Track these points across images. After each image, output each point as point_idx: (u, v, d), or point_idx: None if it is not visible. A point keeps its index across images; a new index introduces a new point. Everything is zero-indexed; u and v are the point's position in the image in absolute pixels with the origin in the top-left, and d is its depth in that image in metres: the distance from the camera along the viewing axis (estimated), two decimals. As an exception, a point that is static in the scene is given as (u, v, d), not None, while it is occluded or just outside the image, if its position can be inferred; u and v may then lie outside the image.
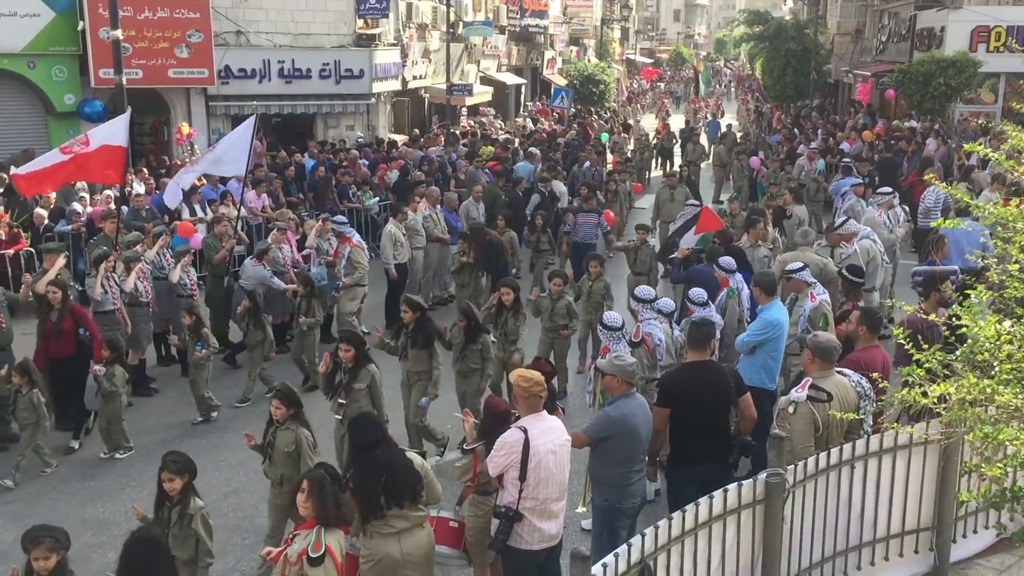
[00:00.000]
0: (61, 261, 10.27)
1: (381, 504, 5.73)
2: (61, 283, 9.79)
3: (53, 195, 15.22)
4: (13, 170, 13.52)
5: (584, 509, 7.65)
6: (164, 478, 5.94)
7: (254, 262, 11.89)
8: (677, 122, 36.55)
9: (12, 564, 5.42)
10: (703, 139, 31.24)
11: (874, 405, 6.51)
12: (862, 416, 6.35)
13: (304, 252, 13.24)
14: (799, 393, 6.30)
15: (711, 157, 26.52)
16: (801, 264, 9.26)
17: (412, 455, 6.13)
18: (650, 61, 76.87)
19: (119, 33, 14.93)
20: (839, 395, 6.32)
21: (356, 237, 12.83)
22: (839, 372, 6.59)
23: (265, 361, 11.07)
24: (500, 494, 6.00)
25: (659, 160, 30.11)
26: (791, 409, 6.28)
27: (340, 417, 8.11)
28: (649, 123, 37.70)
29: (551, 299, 10.70)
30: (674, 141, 30.09)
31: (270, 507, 7.32)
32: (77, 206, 15.11)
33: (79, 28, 19.37)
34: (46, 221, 14.65)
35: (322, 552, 5.07)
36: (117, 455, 9.52)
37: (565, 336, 10.74)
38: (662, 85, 63.85)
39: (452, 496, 7.19)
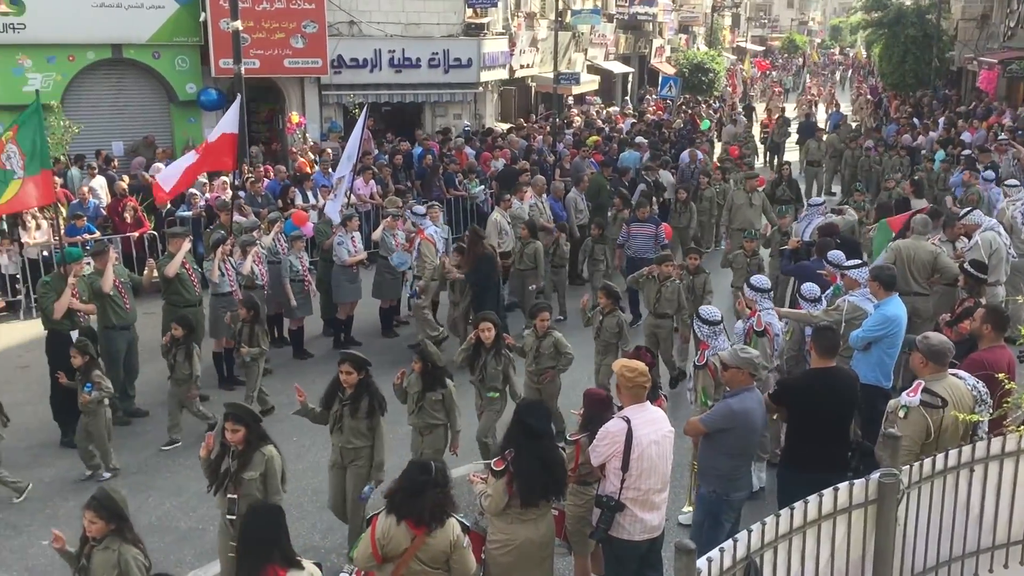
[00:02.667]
0: (187, 245, 10.66)
1: (538, 493, 5.80)
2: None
3: (174, 181, 15.89)
4: (151, 179, 14.23)
5: (689, 510, 7.55)
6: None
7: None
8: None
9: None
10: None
11: (990, 410, 6.20)
12: (980, 420, 6.08)
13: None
14: (911, 398, 6.05)
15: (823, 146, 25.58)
16: (858, 262, 8.90)
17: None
18: (761, 49, 75.06)
19: (239, 24, 15.46)
20: (953, 399, 6.04)
21: (429, 230, 12.60)
22: (953, 374, 6.30)
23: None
24: (602, 483, 6.00)
25: (767, 156, 29.20)
26: (902, 413, 6.05)
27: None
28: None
29: (601, 314, 9.78)
30: (787, 135, 28.86)
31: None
32: (196, 192, 15.70)
33: (201, 19, 20.10)
34: (168, 206, 15.29)
35: (367, 521, 5.48)
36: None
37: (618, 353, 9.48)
38: (773, 74, 62.23)
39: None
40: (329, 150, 18.89)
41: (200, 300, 10.79)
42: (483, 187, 18.17)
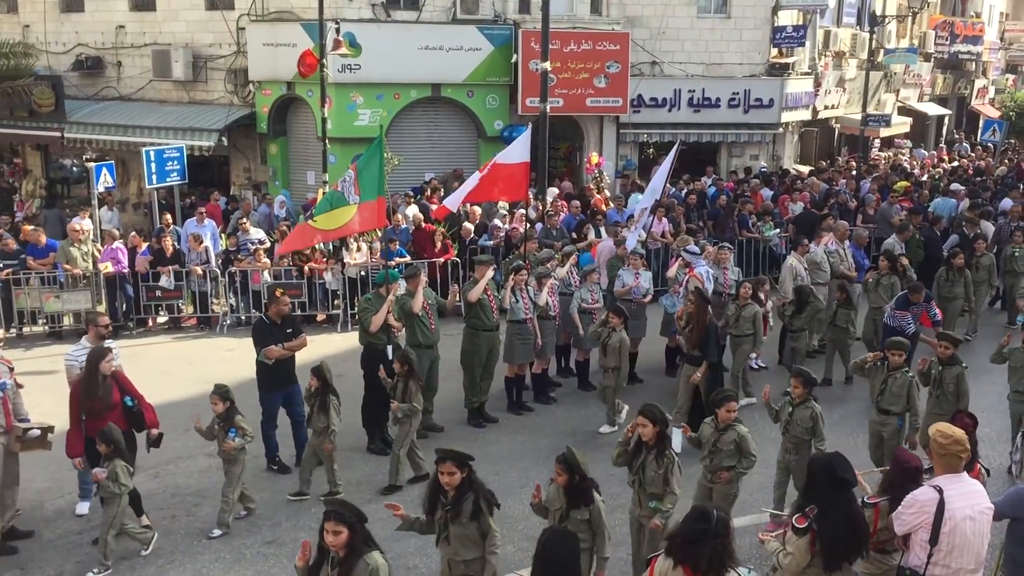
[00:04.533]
0: (490, 273, 11.23)
1: (843, 555, 5.54)
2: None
3: (479, 211, 16.86)
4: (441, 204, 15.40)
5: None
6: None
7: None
8: None
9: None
10: None
11: None
12: None
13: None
14: None
15: None
16: None
17: None
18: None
19: (548, 65, 16.14)
20: None
21: (700, 269, 12.39)
22: None
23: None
24: (906, 555, 5.58)
25: None
26: None
27: None
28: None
29: (791, 404, 8.39)
30: None
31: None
32: (497, 222, 16.53)
33: (512, 61, 21.24)
34: (472, 235, 16.24)
35: (646, 561, 5.35)
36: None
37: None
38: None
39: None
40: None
41: (497, 326, 11.32)
42: (778, 230, 17.63)
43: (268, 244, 15.90)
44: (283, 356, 9.73)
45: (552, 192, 18.85)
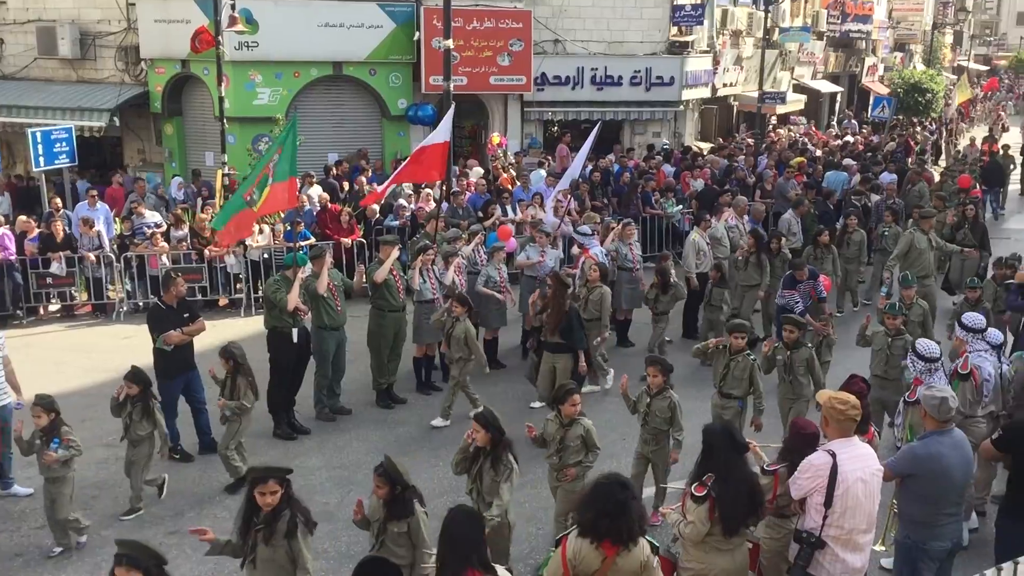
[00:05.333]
0: (396, 253, 11.13)
1: (741, 520, 5.69)
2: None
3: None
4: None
5: (882, 548, 7.16)
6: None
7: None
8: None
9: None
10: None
11: None
12: None
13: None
14: None
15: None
16: None
17: None
18: (985, 68, 70.18)
19: (450, 43, 16.06)
20: None
21: (594, 249, 12.41)
22: None
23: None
24: (802, 518, 5.78)
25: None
26: None
27: None
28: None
29: (648, 395, 8.00)
30: (1012, 167, 26.29)
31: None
32: (403, 202, 16.40)
33: (415, 38, 21.00)
34: (377, 215, 16.07)
35: (557, 541, 5.32)
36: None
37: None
38: (999, 94, 58.01)
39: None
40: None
41: (404, 306, 11.25)
42: (680, 207, 17.97)
43: (165, 227, 15.41)
44: (181, 341, 9.49)
45: (478, 172, 18.82)
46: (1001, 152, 26.00)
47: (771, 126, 30.23)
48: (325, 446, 9.99)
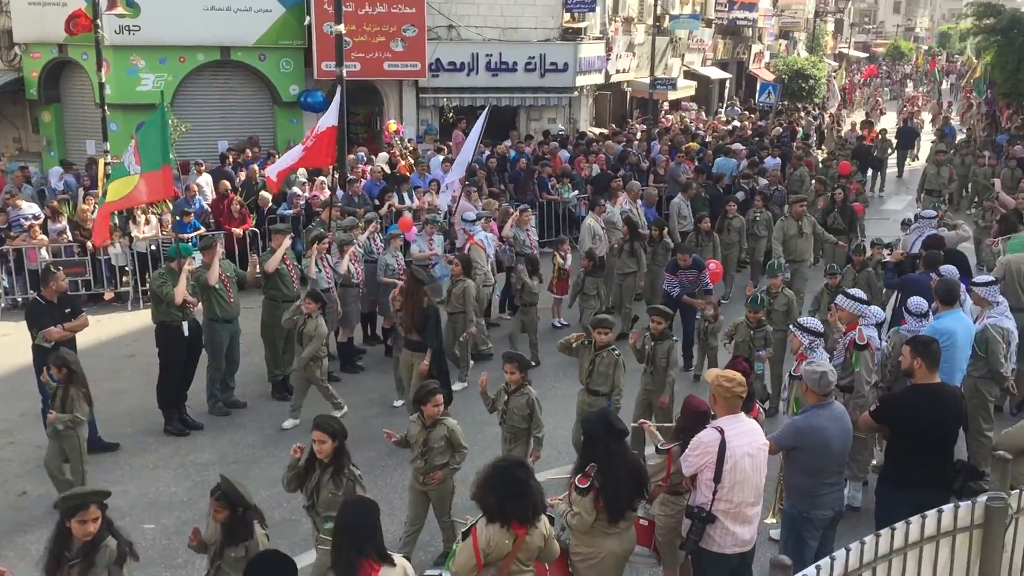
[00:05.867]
0: (287, 242, 10.94)
1: (626, 506, 5.77)
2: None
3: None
4: (265, 172, 14.91)
5: (772, 520, 7.42)
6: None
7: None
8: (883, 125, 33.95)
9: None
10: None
11: None
12: None
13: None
14: None
15: (932, 155, 24.33)
16: (991, 279, 8.60)
17: None
18: (865, 55, 73.06)
19: (342, 28, 15.80)
20: None
21: (479, 236, 12.48)
22: None
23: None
24: (693, 494, 5.93)
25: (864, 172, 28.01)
26: None
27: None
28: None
29: (506, 392, 7.72)
30: (889, 151, 27.18)
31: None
32: (297, 190, 16.09)
33: (305, 23, 20.61)
34: (270, 203, 15.73)
35: (467, 531, 5.24)
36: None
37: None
38: (877, 80, 60.45)
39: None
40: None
41: (298, 296, 11.05)
42: (576, 192, 18.15)
43: (43, 219, 14.73)
44: (63, 338, 9.09)
45: (383, 157, 18.59)
46: (880, 136, 27.06)
47: (663, 112, 30.80)
48: (219, 441, 9.76)
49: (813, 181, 17.97)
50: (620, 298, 13.10)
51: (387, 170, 17.71)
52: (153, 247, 14.55)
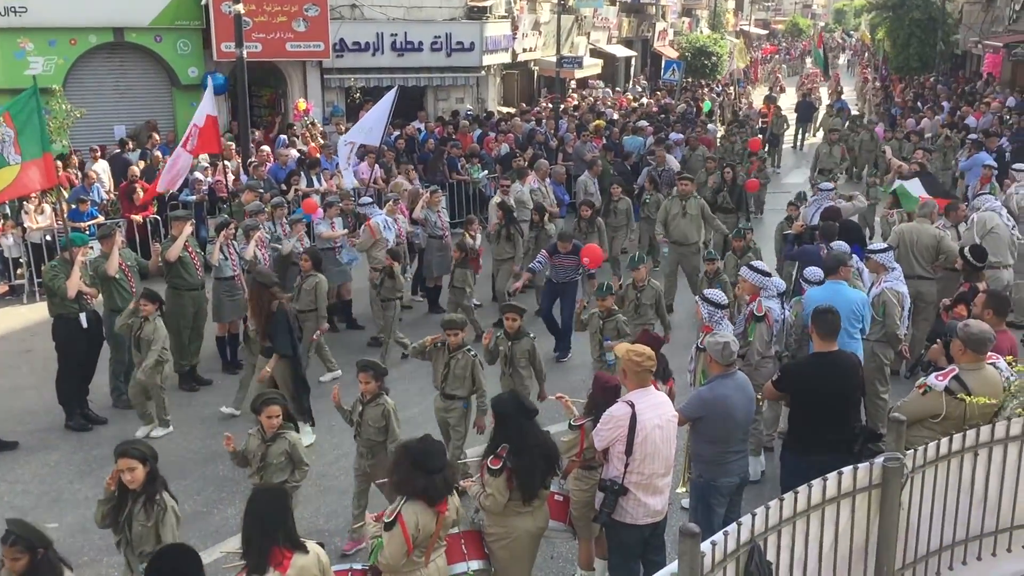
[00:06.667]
0: (188, 229, 10.66)
1: (538, 485, 5.82)
2: None
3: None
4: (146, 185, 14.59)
5: (683, 490, 7.59)
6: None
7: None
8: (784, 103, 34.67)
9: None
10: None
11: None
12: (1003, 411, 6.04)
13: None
14: (939, 381, 6.05)
15: (827, 131, 25.11)
16: (884, 246, 8.98)
17: None
18: (765, 32, 74.68)
19: (241, 7, 15.40)
20: (985, 393, 5.93)
21: (376, 218, 12.20)
22: (991, 364, 6.22)
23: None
24: (606, 468, 6.02)
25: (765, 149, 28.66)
26: (921, 391, 6.09)
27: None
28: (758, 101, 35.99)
29: (361, 403, 7.20)
30: (785, 126, 27.77)
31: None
32: (199, 175, 15.67)
33: (202, 2, 20.01)
34: (172, 189, 15.26)
35: (393, 520, 5.18)
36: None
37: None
38: (777, 57, 61.92)
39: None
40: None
41: (203, 284, 10.82)
42: (486, 172, 18.14)
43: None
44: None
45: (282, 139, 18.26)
46: (775, 112, 27.70)
47: (571, 90, 30.96)
48: (125, 434, 9.39)
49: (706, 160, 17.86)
50: (497, 284, 12.63)
51: (286, 155, 17.34)
52: (48, 237, 13.99)
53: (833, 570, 5.25)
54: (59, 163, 14.05)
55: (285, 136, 19.40)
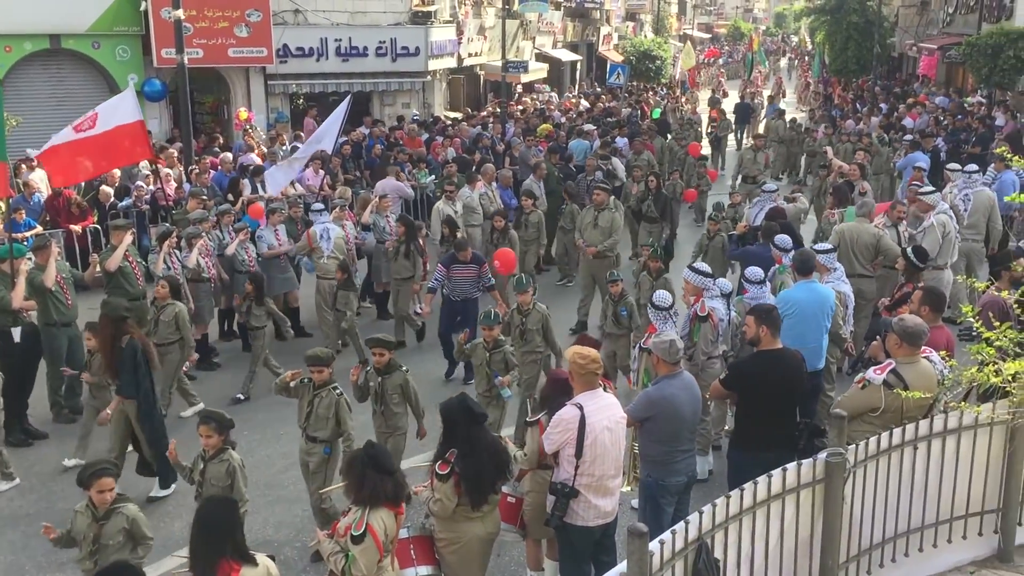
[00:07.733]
0: (128, 238, 10.48)
1: (487, 490, 5.82)
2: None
3: (118, 173, 15.56)
4: (36, 153, 14.07)
5: (628, 489, 7.62)
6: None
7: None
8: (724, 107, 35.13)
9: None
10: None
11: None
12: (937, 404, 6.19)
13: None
14: (877, 375, 6.17)
15: (768, 133, 25.49)
16: (830, 247, 9.17)
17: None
18: (708, 36, 75.69)
19: (180, 13, 15.20)
20: (921, 386, 6.05)
21: (315, 227, 11.88)
22: (925, 358, 6.36)
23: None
24: (556, 471, 6.03)
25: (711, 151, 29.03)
26: (860, 386, 6.21)
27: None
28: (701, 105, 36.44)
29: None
30: (729, 129, 28.17)
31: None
32: (141, 183, 15.40)
33: (141, 8, 19.71)
34: (111, 198, 15.00)
35: (363, 531, 5.12)
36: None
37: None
38: (720, 61, 62.74)
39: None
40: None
41: (144, 294, 10.63)
42: (433, 176, 18.09)
43: None
44: None
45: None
46: (720, 116, 28.10)
47: (517, 94, 31.06)
48: (65, 449, 9.23)
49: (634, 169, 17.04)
50: (397, 305, 12.16)
51: (254, 158, 17.12)
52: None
53: (779, 565, 5.34)
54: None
55: (243, 141, 19.12)
